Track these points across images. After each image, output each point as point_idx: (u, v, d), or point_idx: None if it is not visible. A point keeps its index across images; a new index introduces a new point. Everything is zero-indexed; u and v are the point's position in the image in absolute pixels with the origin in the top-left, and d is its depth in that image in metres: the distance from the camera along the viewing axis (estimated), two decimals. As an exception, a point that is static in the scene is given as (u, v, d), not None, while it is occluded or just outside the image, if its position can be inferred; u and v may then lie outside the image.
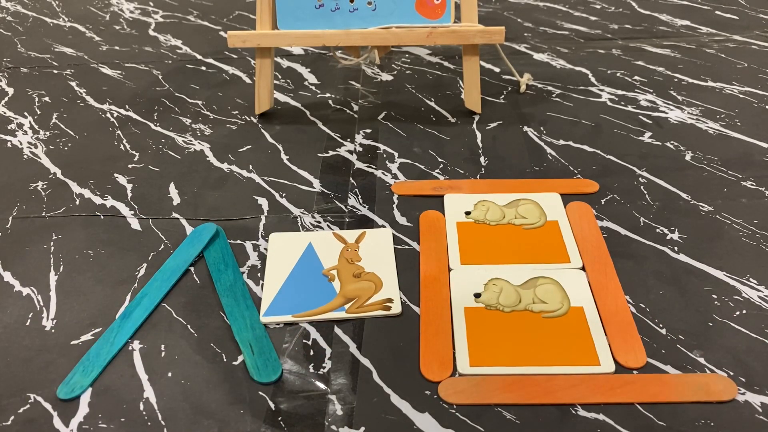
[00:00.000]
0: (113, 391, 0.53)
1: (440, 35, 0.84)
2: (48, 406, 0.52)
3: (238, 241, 0.69)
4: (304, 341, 0.58)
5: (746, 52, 1.09)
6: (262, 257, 0.67)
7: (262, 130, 0.90)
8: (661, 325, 0.58)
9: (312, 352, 0.56)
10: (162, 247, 0.69)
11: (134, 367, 0.55)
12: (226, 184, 0.79)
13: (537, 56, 1.10)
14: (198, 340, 0.58)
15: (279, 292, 0.62)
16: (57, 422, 0.51)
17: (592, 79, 1.01)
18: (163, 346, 0.57)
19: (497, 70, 1.05)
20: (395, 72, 1.06)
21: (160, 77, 1.06)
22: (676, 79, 1.00)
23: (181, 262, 0.65)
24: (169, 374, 0.54)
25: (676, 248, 0.66)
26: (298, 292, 0.62)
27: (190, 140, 0.88)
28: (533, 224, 0.70)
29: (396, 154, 0.83)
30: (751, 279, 0.62)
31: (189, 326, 0.59)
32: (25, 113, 0.96)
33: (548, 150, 0.83)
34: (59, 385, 0.53)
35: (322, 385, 0.53)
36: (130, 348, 0.57)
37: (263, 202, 0.75)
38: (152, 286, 0.63)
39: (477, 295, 0.61)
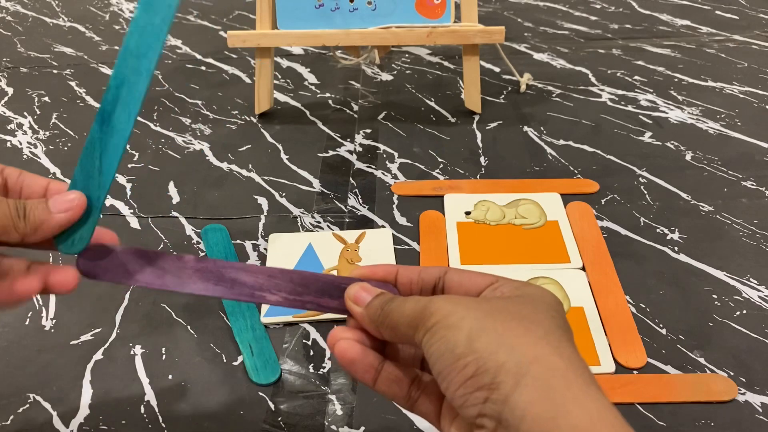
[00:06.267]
0: (114, 395, 0.53)
1: (440, 35, 0.84)
2: (48, 406, 0.52)
3: (238, 241, 0.69)
4: (304, 341, 0.57)
5: (746, 51, 1.09)
6: (262, 257, 0.67)
7: (262, 130, 0.90)
8: (661, 325, 0.58)
9: (312, 352, 0.56)
10: (161, 246, 0.68)
11: (135, 370, 0.55)
12: (226, 184, 0.79)
13: (537, 56, 1.10)
14: (198, 342, 0.58)
15: (279, 293, 0.61)
16: (57, 422, 0.51)
17: (592, 79, 1.01)
18: (163, 349, 0.57)
19: (497, 70, 1.05)
20: (395, 72, 1.06)
21: (159, 77, 1.06)
22: (676, 79, 1.00)
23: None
24: (170, 376, 0.54)
25: (676, 248, 0.66)
26: (298, 292, 0.61)
27: (190, 140, 0.88)
28: (533, 224, 0.69)
29: (396, 154, 0.83)
30: (751, 279, 0.62)
31: (189, 327, 0.59)
32: (25, 113, 0.96)
33: (548, 150, 0.83)
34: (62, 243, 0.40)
35: (322, 385, 0.53)
36: (131, 353, 0.57)
37: (263, 201, 0.75)
38: (122, 70, 0.37)
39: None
